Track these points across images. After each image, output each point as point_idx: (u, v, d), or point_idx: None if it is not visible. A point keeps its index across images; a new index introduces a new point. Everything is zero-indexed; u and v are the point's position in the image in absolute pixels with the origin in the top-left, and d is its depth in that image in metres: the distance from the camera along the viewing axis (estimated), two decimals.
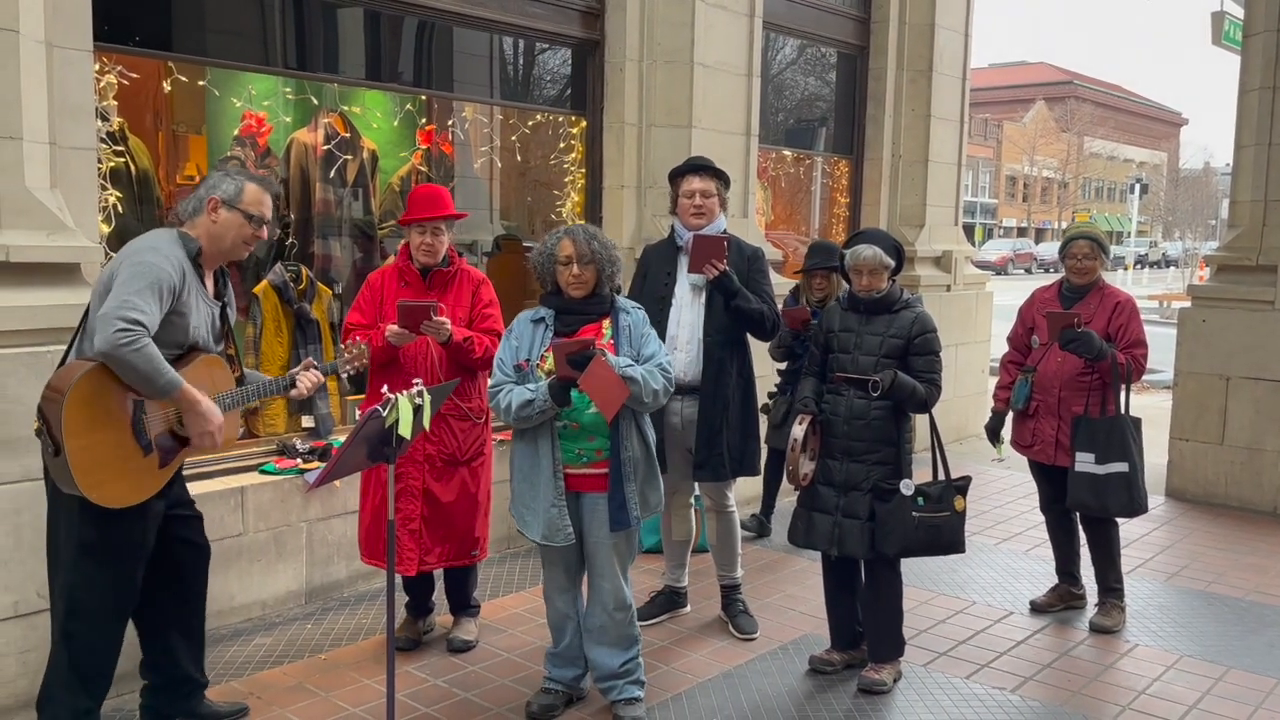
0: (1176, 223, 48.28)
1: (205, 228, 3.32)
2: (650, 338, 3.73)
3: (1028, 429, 4.84)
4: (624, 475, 3.60)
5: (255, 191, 3.39)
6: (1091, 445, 4.52)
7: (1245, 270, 7.05)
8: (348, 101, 6.57)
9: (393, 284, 4.20)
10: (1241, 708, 4.04)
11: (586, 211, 6.44)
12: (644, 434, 3.71)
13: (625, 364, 3.53)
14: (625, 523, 3.62)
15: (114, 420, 3.07)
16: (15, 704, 3.67)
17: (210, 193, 3.32)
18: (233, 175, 3.41)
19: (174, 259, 3.18)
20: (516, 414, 3.53)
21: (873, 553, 3.96)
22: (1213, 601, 5.20)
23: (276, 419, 5.10)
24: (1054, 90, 64.64)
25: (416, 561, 4.17)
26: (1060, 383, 4.68)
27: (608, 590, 3.69)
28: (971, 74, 8.92)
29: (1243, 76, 7.22)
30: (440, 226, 4.13)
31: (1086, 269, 4.74)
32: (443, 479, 4.17)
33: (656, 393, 3.59)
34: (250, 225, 3.38)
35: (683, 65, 6.24)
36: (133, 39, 4.49)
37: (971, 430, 9.05)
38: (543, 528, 3.61)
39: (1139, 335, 4.65)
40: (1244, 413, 6.94)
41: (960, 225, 9.05)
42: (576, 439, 3.61)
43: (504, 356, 3.68)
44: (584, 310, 3.70)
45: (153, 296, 3.06)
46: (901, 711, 3.94)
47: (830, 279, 5.59)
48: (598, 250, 3.64)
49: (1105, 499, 4.53)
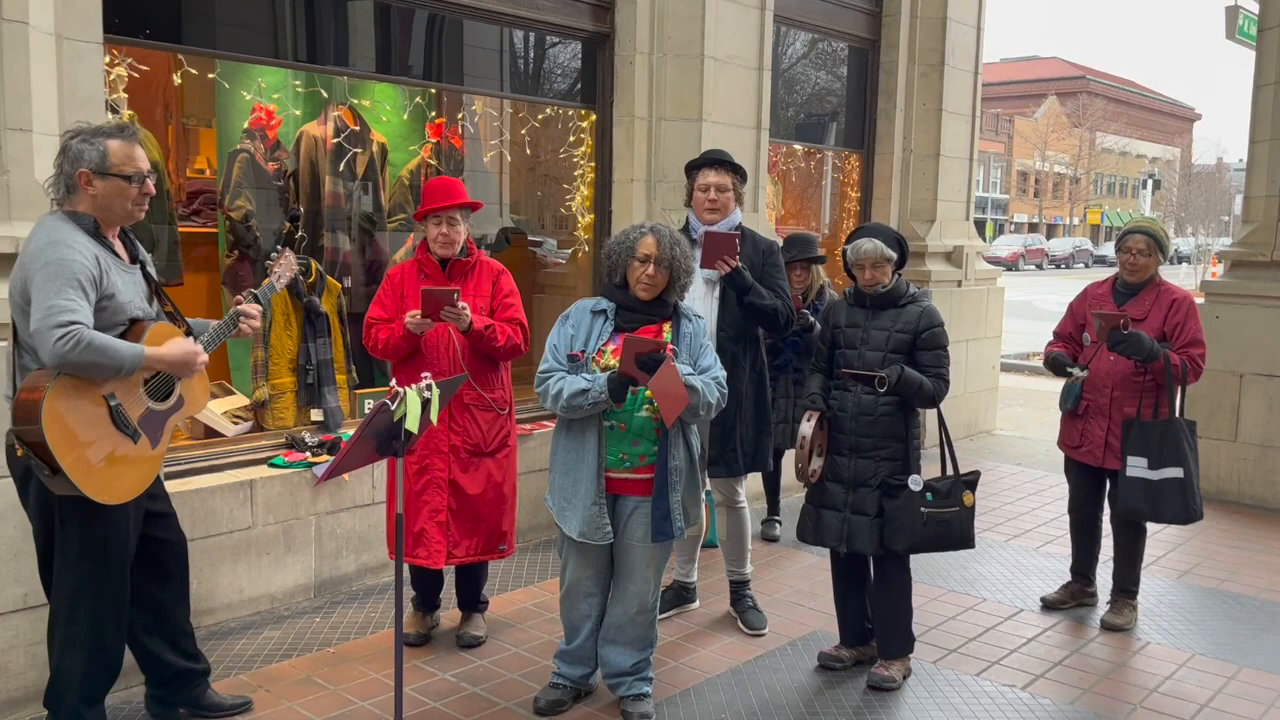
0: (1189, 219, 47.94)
1: (88, 203, 3.11)
2: (708, 349, 3.66)
3: (1076, 429, 4.72)
4: (670, 485, 3.54)
5: (120, 148, 3.11)
6: (1144, 450, 4.37)
7: (1259, 266, 7.00)
8: (357, 95, 6.56)
9: (413, 277, 4.19)
10: (1254, 706, 4.01)
11: (596, 205, 6.43)
12: (690, 445, 3.63)
13: (687, 371, 3.48)
14: (669, 533, 3.56)
15: (95, 423, 3.02)
16: (25, 696, 3.68)
17: (75, 166, 3.07)
18: (89, 138, 3.10)
19: (79, 245, 3.02)
20: (568, 402, 3.45)
21: (882, 549, 3.94)
22: (1225, 599, 5.17)
23: (286, 413, 5.10)
24: (1066, 85, 64.36)
25: (445, 554, 4.15)
26: (1113, 383, 4.56)
27: (635, 594, 3.66)
28: (983, 68, 8.88)
29: (1257, 71, 7.16)
30: (456, 216, 4.11)
31: (1141, 266, 4.58)
32: (469, 470, 4.15)
33: (711, 405, 3.54)
34: (132, 185, 3.14)
35: (693, 59, 6.22)
36: (143, 31, 4.48)
37: (981, 426, 9.03)
38: (581, 524, 3.56)
39: (1196, 335, 4.49)
40: (1257, 410, 6.89)
41: (971, 220, 9.01)
42: (622, 441, 3.55)
43: (558, 343, 3.60)
44: (647, 311, 3.62)
45: (75, 292, 2.94)
46: (911, 708, 3.92)
47: (810, 271, 5.52)
48: (677, 257, 3.58)
49: (1158, 505, 4.39)
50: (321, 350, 5.08)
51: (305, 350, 5.07)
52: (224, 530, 4.42)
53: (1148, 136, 70.21)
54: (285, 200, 6.46)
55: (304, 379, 5.08)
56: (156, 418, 3.21)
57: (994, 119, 56.95)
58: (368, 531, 4.96)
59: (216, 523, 4.39)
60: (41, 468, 2.97)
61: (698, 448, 3.70)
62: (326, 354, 5.11)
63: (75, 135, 3.13)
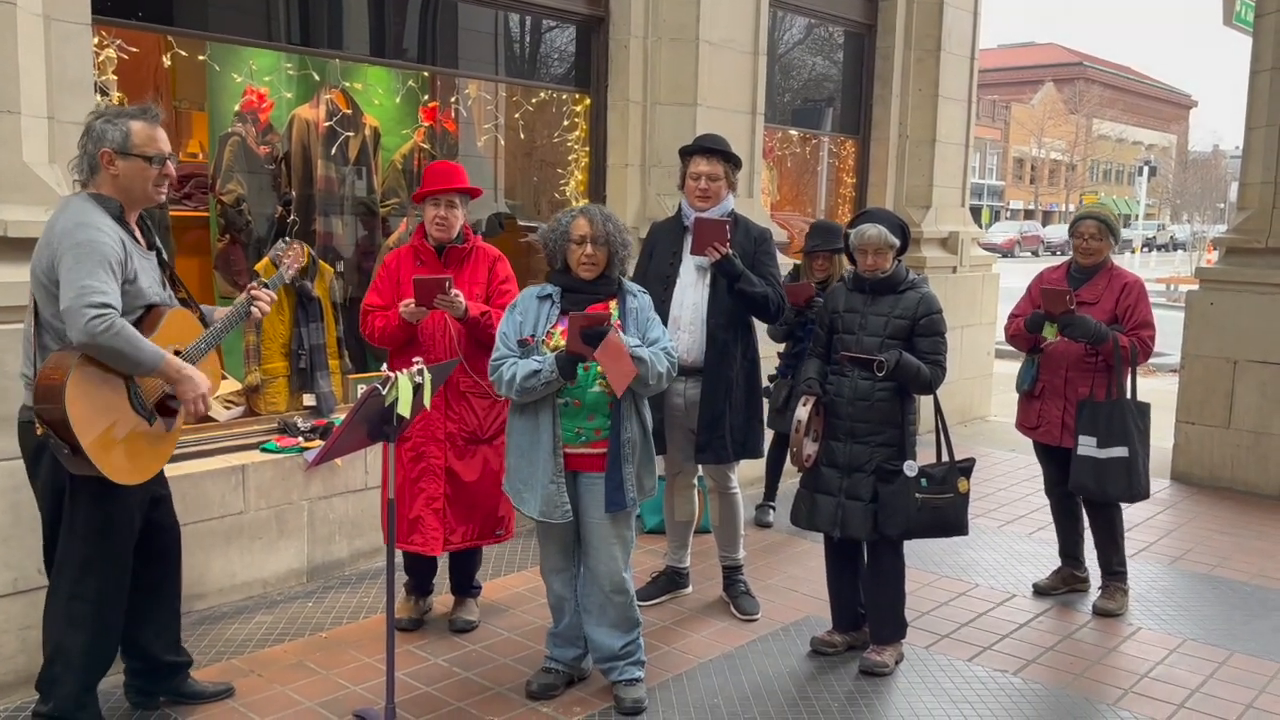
0: (1185, 205, 48.05)
1: (110, 184, 3.15)
2: (655, 322, 3.72)
3: (1034, 410, 4.81)
4: (622, 457, 3.59)
5: (143, 130, 3.15)
6: (1093, 429, 4.49)
7: (1254, 253, 7.00)
8: (350, 78, 6.53)
9: (408, 263, 4.18)
10: (1245, 691, 4.02)
11: (590, 190, 6.40)
12: (643, 417, 3.70)
13: (634, 344, 3.54)
14: (621, 504, 3.61)
15: (114, 404, 3.08)
16: (15, 680, 3.67)
17: (99, 146, 3.11)
18: (112, 119, 3.15)
19: (107, 228, 3.06)
20: (521, 385, 3.50)
21: (876, 534, 3.94)
22: (1217, 585, 5.18)
23: (278, 397, 5.08)
24: (1063, 72, 64.25)
25: (442, 540, 4.15)
26: (1067, 364, 4.65)
27: (603, 572, 3.68)
28: (980, 54, 8.84)
29: (1254, 57, 7.14)
30: (454, 200, 4.11)
31: (1093, 250, 4.70)
32: (465, 457, 4.15)
33: (661, 375, 3.59)
34: (153, 167, 3.17)
35: (688, 43, 6.18)
36: (132, 13, 4.44)
37: (976, 412, 9.04)
38: (540, 504, 3.61)
39: (1146, 317, 4.61)
40: (1250, 396, 6.90)
41: (967, 207, 8.99)
42: (577, 417, 3.60)
43: (507, 330, 3.66)
44: (592, 290, 3.68)
45: (106, 274, 2.99)
46: (903, 693, 3.93)
47: (832, 260, 5.52)
48: (612, 233, 3.63)
49: (1105, 484, 4.50)
50: (314, 335, 5.06)
51: (297, 335, 5.05)
52: (216, 515, 4.41)
53: (1144, 123, 70.19)
54: (277, 184, 6.43)
55: (296, 364, 5.06)
56: (170, 403, 3.24)
57: (991, 105, 56.87)
58: (360, 516, 4.95)
59: (208, 507, 4.38)
60: (61, 446, 3.00)
61: (650, 421, 3.76)
62: (319, 339, 5.09)
63: (99, 116, 3.18)
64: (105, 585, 3.23)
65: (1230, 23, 10.68)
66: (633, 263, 4.61)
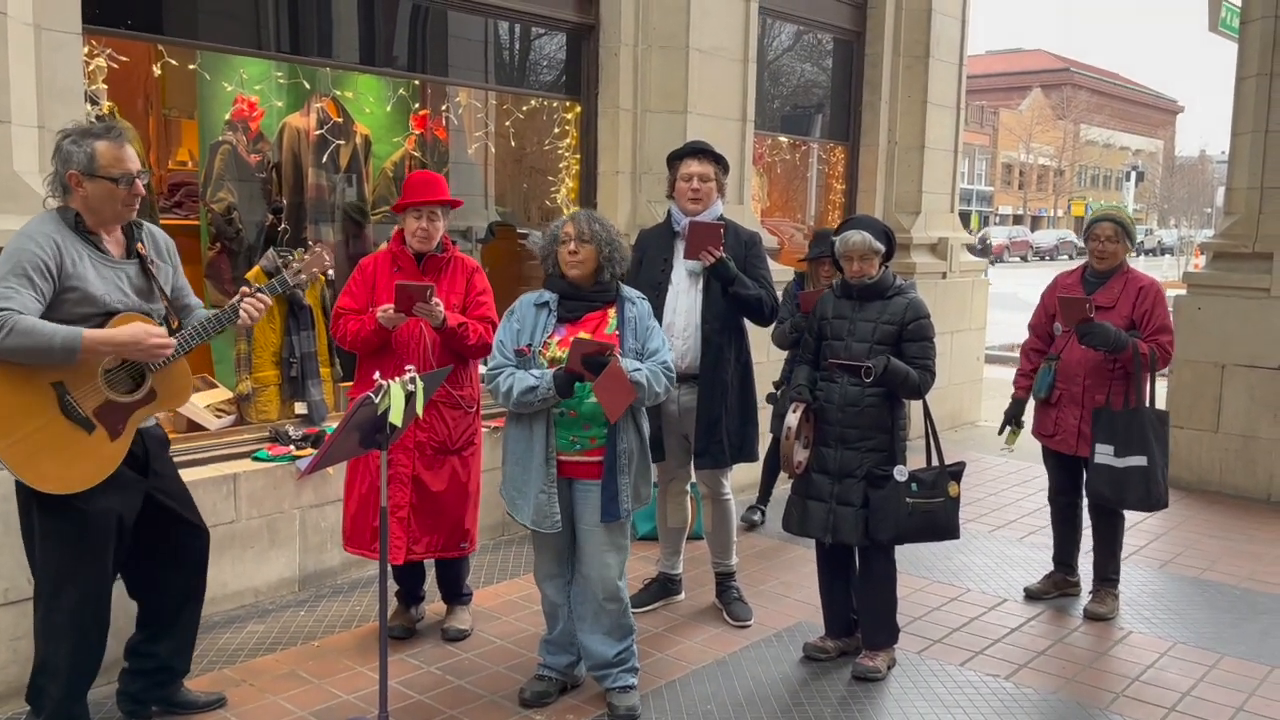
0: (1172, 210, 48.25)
1: (80, 203, 3.11)
2: (655, 331, 3.71)
3: (1050, 418, 4.76)
4: (619, 467, 3.59)
5: (108, 150, 3.08)
6: (1111, 437, 4.44)
7: (1241, 257, 7.04)
8: (340, 86, 6.52)
9: (385, 269, 4.16)
10: (1235, 695, 4.04)
11: (581, 197, 6.41)
12: (640, 427, 3.69)
13: (634, 367, 3.52)
14: (616, 514, 3.60)
15: (38, 409, 3.01)
16: (7, 690, 3.66)
17: (65, 168, 3.06)
18: (77, 139, 3.08)
19: (41, 235, 3.01)
20: (518, 399, 3.50)
21: (867, 540, 3.95)
22: (1206, 589, 5.21)
23: (269, 406, 5.07)
24: (1051, 78, 64.57)
25: (404, 550, 4.12)
26: (1084, 371, 4.60)
27: (595, 580, 3.67)
28: (968, 61, 8.89)
29: (1240, 63, 7.19)
30: (436, 211, 4.10)
31: (1110, 252, 4.63)
32: (433, 467, 4.13)
33: (659, 394, 3.60)
34: (120, 187, 3.10)
35: (678, 50, 6.21)
36: (123, 21, 4.44)
37: (966, 417, 9.06)
38: (532, 513, 3.60)
39: (1165, 321, 4.54)
40: (1239, 400, 6.94)
41: (956, 212, 9.03)
42: (572, 426, 3.59)
43: (504, 339, 3.65)
44: (589, 297, 3.67)
45: (17, 280, 2.91)
46: (895, 699, 3.94)
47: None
48: (597, 231, 3.63)
49: (1123, 492, 4.46)
50: (305, 343, 5.05)
51: (289, 343, 5.04)
52: (207, 524, 4.39)
53: (1131, 129, 70.52)
54: (268, 193, 6.42)
55: (287, 372, 5.05)
56: (118, 409, 3.16)
57: (979, 111, 57.07)
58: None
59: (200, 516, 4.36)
60: None
61: (647, 430, 3.76)
62: (310, 347, 5.08)
63: (66, 136, 3.12)
64: (82, 595, 3.19)
65: (1216, 29, 10.75)
66: None
